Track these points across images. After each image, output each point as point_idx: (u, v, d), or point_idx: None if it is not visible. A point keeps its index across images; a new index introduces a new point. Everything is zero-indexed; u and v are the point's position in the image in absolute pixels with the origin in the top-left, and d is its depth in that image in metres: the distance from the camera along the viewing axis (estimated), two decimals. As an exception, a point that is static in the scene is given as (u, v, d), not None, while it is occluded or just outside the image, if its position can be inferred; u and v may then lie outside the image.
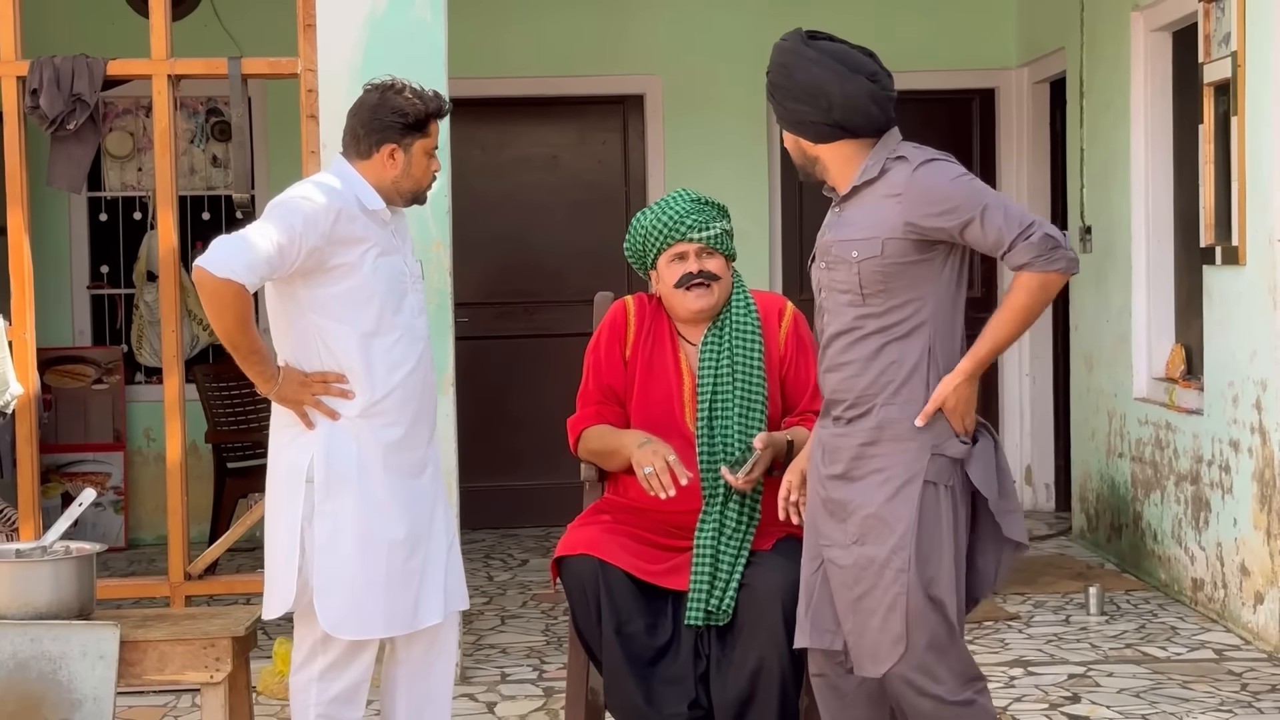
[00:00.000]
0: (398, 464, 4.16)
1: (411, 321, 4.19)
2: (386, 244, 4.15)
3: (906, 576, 3.64)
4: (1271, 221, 5.91)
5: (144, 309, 8.61)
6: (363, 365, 4.09)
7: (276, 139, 8.58)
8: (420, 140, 4.15)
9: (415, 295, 4.23)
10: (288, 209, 4.03)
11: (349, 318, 4.08)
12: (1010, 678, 5.79)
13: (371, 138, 4.13)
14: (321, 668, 4.14)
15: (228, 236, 3.99)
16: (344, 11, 5.64)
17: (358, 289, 4.08)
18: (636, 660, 4.14)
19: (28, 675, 3.95)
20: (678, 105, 9.05)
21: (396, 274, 4.16)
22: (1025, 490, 9.31)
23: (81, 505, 4.16)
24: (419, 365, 4.20)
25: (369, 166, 4.14)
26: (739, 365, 4.34)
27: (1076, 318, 8.41)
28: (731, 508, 4.26)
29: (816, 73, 3.68)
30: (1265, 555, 6.04)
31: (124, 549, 8.51)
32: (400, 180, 4.16)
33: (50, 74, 5.66)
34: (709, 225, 4.35)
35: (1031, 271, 3.61)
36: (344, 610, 4.09)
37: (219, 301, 3.94)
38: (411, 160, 4.15)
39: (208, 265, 3.92)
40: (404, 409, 4.16)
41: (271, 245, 3.95)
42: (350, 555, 4.09)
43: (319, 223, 4.01)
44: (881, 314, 3.68)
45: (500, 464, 8.80)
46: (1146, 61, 7.40)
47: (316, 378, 4.10)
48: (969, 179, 3.65)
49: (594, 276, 8.30)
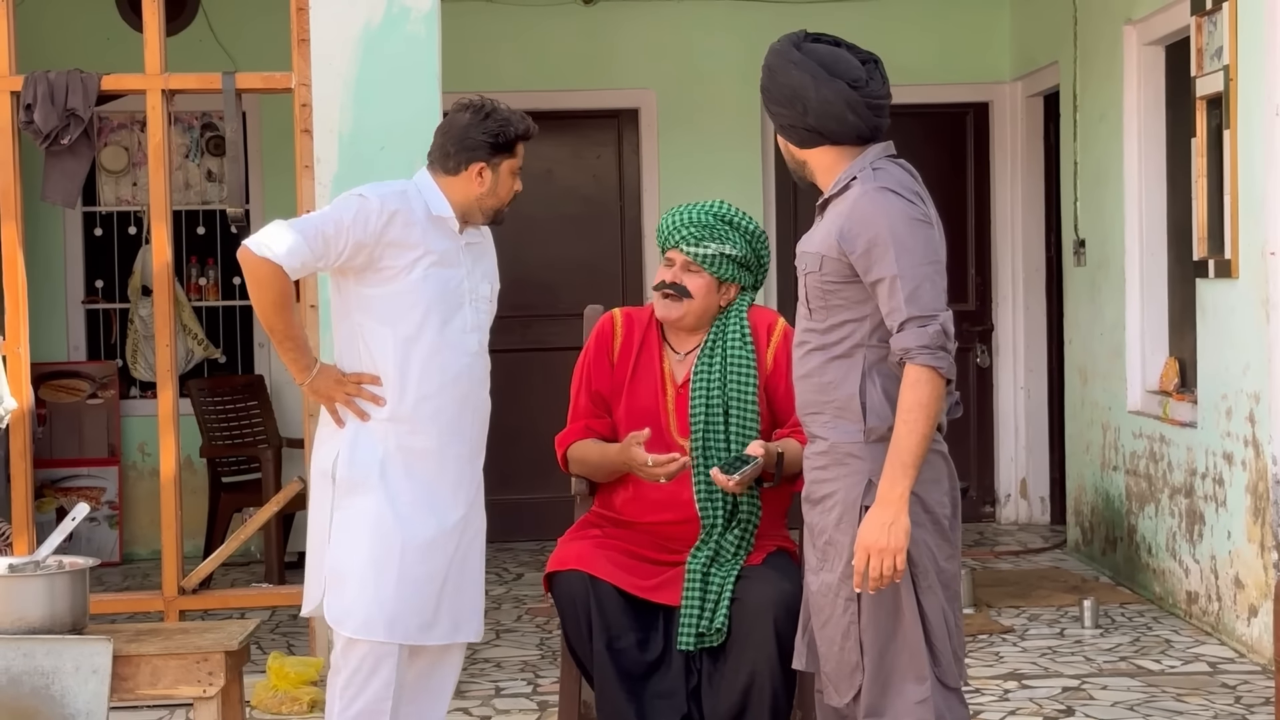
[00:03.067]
0: (424, 472, 4.17)
1: (460, 338, 4.22)
2: (448, 256, 4.19)
3: (855, 606, 3.54)
4: (1264, 234, 5.92)
5: (139, 324, 8.61)
6: (396, 371, 4.14)
7: (271, 154, 8.58)
8: (508, 160, 4.23)
9: (472, 312, 4.27)
10: (343, 203, 4.13)
11: (390, 320, 4.13)
12: (1004, 691, 5.79)
13: (461, 155, 4.20)
14: (343, 681, 4.15)
15: (280, 220, 4.09)
16: (338, 27, 5.65)
17: (402, 294, 4.12)
18: (628, 675, 4.14)
19: (20, 690, 3.95)
20: (672, 119, 9.06)
21: (452, 287, 4.20)
22: (1020, 503, 9.32)
23: (75, 520, 4.16)
24: (458, 380, 4.21)
25: (455, 183, 4.21)
26: (732, 392, 4.33)
27: (1071, 331, 8.43)
28: (730, 539, 4.25)
29: (795, 75, 3.60)
30: (1259, 568, 6.04)
31: (118, 563, 8.50)
32: (485, 198, 4.24)
33: (44, 89, 5.67)
34: (701, 243, 4.34)
35: (911, 362, 3.42)
36: (348, 605, 4.11)
37: (256, 280, 4.03)
38: (499, 180, 4.23)
39: (250, 243, 4.03)
40: (435, 420, 4.17)
41: (316, 234, 4.04)
42: (362, 552, 4.11)
43: (370, 221, 4.07)
44: (823, 331, 3.59)
45: (495, 477, 8.67)
46: (1139, 75, 7.42)
47: (352, 378, 4.15)
48: (910, 233, 3.46)
49: (588, 290, 8.31)
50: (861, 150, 3.61)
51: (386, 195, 4.14)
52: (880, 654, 3.54)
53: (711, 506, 4.26)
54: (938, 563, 3.56)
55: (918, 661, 3.53)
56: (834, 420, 3.57)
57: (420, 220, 4.16)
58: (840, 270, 3.53)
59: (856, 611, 3.54)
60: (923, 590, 3.53)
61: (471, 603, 4.27)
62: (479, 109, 4.23)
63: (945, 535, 3.58)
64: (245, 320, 8.92)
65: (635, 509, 4.31)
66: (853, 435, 3.55)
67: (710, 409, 4.31)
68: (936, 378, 3.44)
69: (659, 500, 4.31)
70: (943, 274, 3.51)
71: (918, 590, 3.52)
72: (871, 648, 3.54)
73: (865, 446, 3.54)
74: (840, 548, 3.56)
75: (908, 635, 3.53)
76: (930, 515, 3.54)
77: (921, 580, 3.53)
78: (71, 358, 8.82)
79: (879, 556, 3.43)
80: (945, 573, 3.57)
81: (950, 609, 3.58)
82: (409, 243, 4.12)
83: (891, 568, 3.43)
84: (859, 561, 3.46)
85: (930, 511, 3.54)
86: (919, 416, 3.43)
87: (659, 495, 4.30)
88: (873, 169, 3.57)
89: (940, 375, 3.44)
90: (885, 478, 3.45)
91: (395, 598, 4.12)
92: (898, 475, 3.44)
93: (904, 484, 3.44)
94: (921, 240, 3.48)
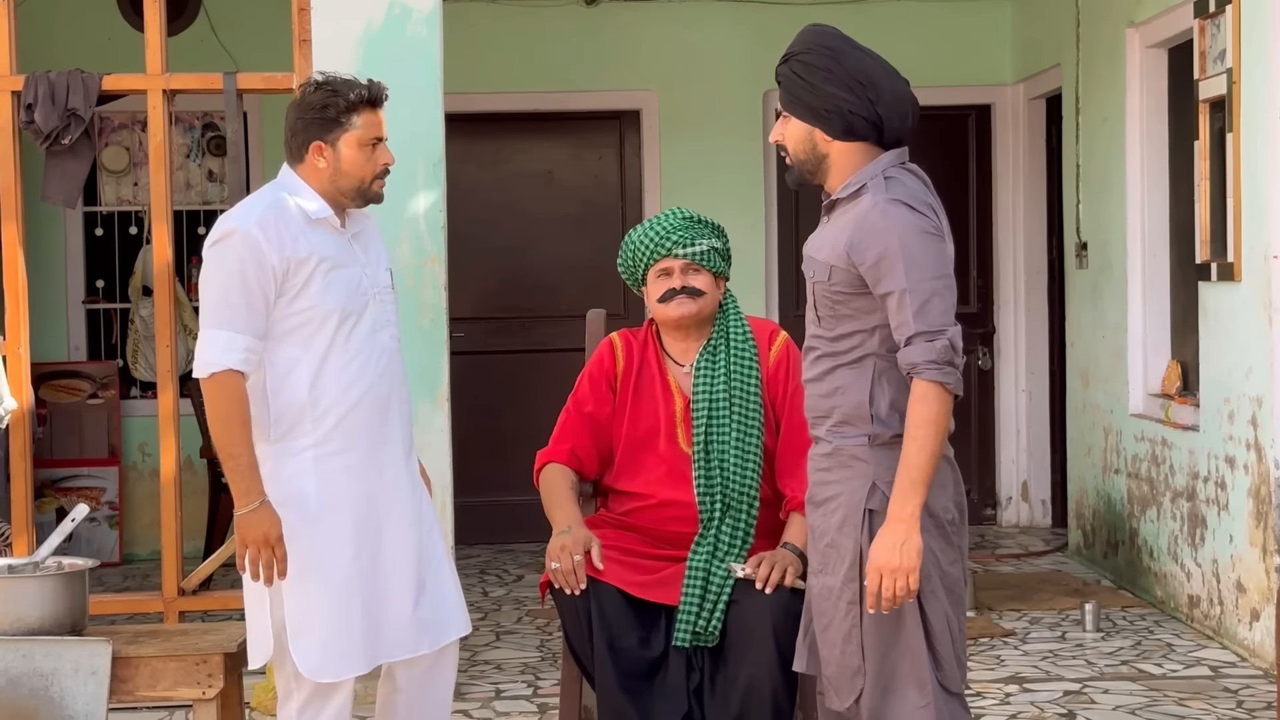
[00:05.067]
0: (361, 488, 3.95)
1: (373, 338, 3.96)
2: (340, 255, 3.94)
3: (856, 610, 3.51)
4: (1267, 237, 5.91)
5: (139, 324, 8.60)
6: (311, 392, 3.88)
7: (272, 154, 8.56)
8: (346, 133, 3.90)
9: (378, 307, 4.00)
10: (222, 254, 3.83)
11: (301, 341, 3.88)
12: (1006, 694, 5.78)
13: (297, 139, 3.93)
14: (298, 706, 3.98)
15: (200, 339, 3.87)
16: (340, 27, 5.65)
17: (308, 309, 3.87)
18: (629, 675, 4.13)
19: (19, 692, 3.94)
20: (674, 121, 9.06)
21: (353, 287, 3.94)
22: (1021, 506, 9.31)
23: (75, 520, 4.15)
24: (379, 383, 3.97)
25: (305, 170, 3.93)
26: (735, 388, 4.33)
27: (1073, 334, 8.42)
28: (725, 530, 4.26)
29: (869, 63, 3.51)
30: (1261, 572, 6.03)
31: (118, 564, 8.49)
32: (337, 179, 3.92)
33: (45, 89, 5.66)
34: (694, 241, 4.34)
35: (919, 378, 3.38)
36: (322, 653, 3.91)
37: (214, 399, 3.80)
38: (340, 155, 3.91)
39: (196, 373, 3.84)
40: (363, 432, 3.95)
41: (231, 314, 3.80)
42: (318, 595, 3.91)
43: (262, 250, 3.81)
44: (832, 339, 3.55)
45: (495, 479, 8.78)
46: (1142, 78, 7.41)
47: (280, 547, 3.85)
48: (920, 247, 3.41)
49: (589, 292, 8.31)
50: (878, 154, 3.55)
51: (259, 215, 3.85)
52: (882, 658, 3.52)
53: (710, 499, 4.27)
54: (941, 567, 3.53)
55: (919, 666, 3.50)
56: (840, 425, 3.55)
57: (301, 226, 3.87)
58: (850, 280, 3.49)
59: (858, 615, 3.52)
60: (926, 595, 3.50)
61: (453, 597, 4.13)
62: (307, 85, 3.94)
63: (949, 540, 3.56)
64: (246, 321, 8.90)
65: (642, 518, 4.33)
66: (858, 440, 3.52)
67: (715, 409, 4.31)
68: (944, 393, 3.40)
69: (668, 514, 4.31)
70: (952, 289, 3.47)
71: (921, 595, 3.49)
72: (873, 652, 3.52)
73: (870, 450, 3.51)
74: (843, 550, 3.53)
75: (910, 640, 3.51)
76: (935, 520, 3.51)
77: (925, 585, 3.50)
78: (72, 358, 8.81)
79: (891, 576, 3.40)
80: (949, 577, 3.55)
81: (954, 614, 3.56)
82: (299, 256, 3.84)
83: (905, 588, 3.40)
84: (871, 583, 3.42)
85: (935, 516, 3.51)
86: (927, 434, 3.38)
87: (667, 505, 4.30)
88: (884, 177, 3.51)
89: (948, 391, 3.40)
90: (895, 497, 3.41)
91: (364, 628, 3.93)
92: (908, 494, 3.40)
93: (914, 502, 3.40)
94: (932, 254, 3.44)
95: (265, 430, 3.91)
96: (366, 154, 3.94)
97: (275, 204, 3.90)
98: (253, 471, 3.86)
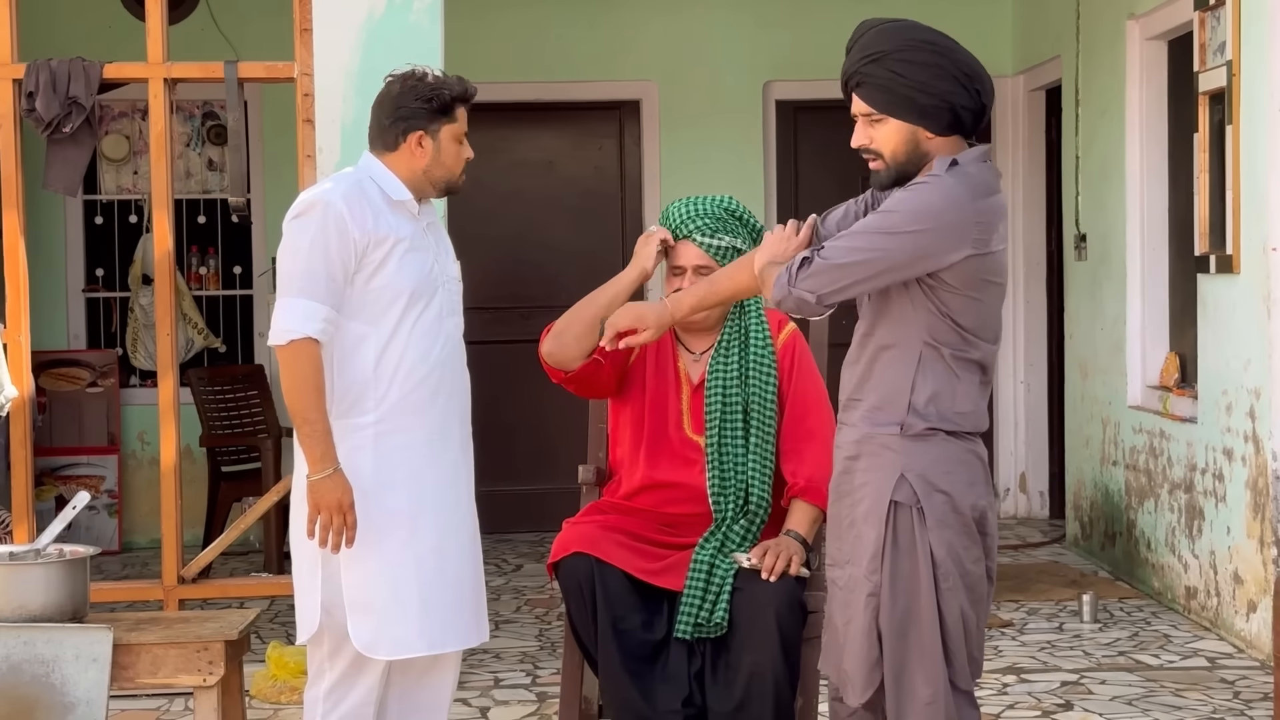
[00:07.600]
0: (417, 473, 4.00)
1: (438, 324, 4.03)
2: (416, 240, 4.01)
3: (877, 602, 3.50)
4: (1266, 230, 5.91)
5: (139, 312, 8.61)
6: (375, 371, 3.94)
7: (272, 143, 8.58)
8: (447, 125, 4.03)
9: (446, 295, 4.08)
10: (304, 225, 3.91)
11: (371, 319, 3.94)
12: (1003, 685, 5.79)
13: (398, 127, 4.00)
14: (329, 685, 4.02)
15: (277, 301, 3.91)
16: (341, 16, 5.65)
17: (381, 289, 3.94)
18: (632, 657, 4.13)
19: (20, 678, 3.95)
20: (674, 111, 9.06)
21: (425, 272, 4.02)
22: (1019, 497, 9.32)
23: (75, 508, 4.15)
24: (441, 369, 4.03)
25: (397, 158, 4.02)
26: (753, 390, 4.31)
27: (1071, 325, 8.42)
28: (737, 530, 4.25)
29: (970, 58, 3.49)
30: (1258, 564, 6.05)
31: (118, 552, 8.51)
32: (431, 169, 4.03)
33: (46, 77, 5.66)
34: (715, 234, 4.30)
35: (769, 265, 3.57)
36: (377, 629, 3.96)
37: (290, 365, 3.84)
38: (440, 146, 4.02)
39: (272, 340, 3.87)
40: (422, 416, 4.00)
41: (312, 283, 3.86)
42: (374, 571, 3.95)
43: (345, 223, 3.88)
44: (879, 324, 3.54)
45: (495, 468, 8.77)
46: (1142, 70, 7.41)
47: (352, 515, 3.88)
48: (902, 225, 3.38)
49: (590, 281, 8.21)
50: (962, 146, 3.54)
51: (344, 190, 3.93)
52: (893, 651, 3.51)
53: (724, 499, 4.26)
54: (964, 565, 3.50)
55: (929, 662, 3.49)
56: (874, 410, 3.52)
57: (381, 207, 3.97)
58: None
59: (877, 607, 3.50)
60: (943, 591, 3.48)
61: (480, 601, 4.17)
62: (409, 76, 4.04)
63: (974, 537, 3.52)
64: (245, 310, 8.92)
65: (646, 499, 4.32)
66: (890, 428, 3.50)
67: (729, 405, 4.30)
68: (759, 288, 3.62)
69: (671, 495, 4.31)
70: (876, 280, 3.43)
71: (938, 590, 3.48)
72: (886, 644, 3.51)
73: (901, 440, 3.49)
74: (865, 541, 3.51)
75: (923, 634, 3.49)
76: (960, 516, 3.50)
77: (943, 581, 3.48)
78: (72, 346, 8.82)
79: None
80: (970, 575, 3.52)
81: (972, 611, 3.53)
82: (379, 234, 3.93)
83: None
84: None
85: (960, 512, 3.49)
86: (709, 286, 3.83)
87: (670, 486, 4.30)
88: (962, 165, 3.47)
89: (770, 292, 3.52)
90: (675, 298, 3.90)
91: (421, 611, 3.98)
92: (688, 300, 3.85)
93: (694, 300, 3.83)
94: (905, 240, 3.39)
95: (329, 404, 3.95)
96: (459, 148, 4.08)
97: (358, 183, 3.99)
98: (327, 438, 3.89)
